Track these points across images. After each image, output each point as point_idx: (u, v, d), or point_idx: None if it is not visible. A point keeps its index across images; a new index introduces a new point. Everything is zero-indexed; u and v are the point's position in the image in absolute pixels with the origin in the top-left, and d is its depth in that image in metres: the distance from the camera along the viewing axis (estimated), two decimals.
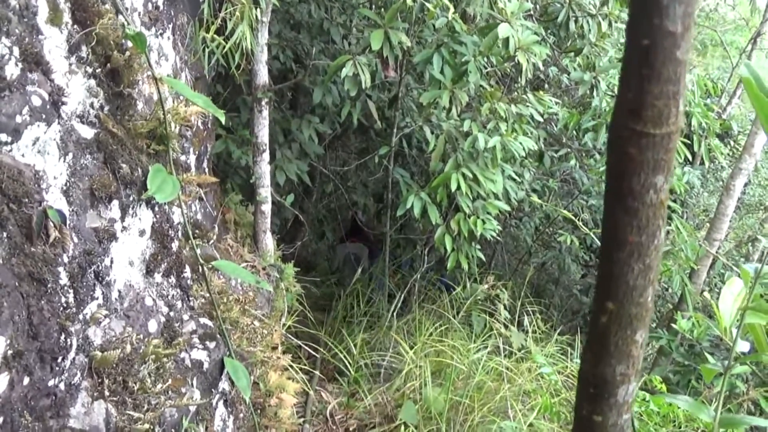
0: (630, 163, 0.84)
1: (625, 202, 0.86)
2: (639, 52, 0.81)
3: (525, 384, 4.54)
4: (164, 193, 2.30)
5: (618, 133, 0.85)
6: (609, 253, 0.89)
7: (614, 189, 0.88)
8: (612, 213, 0.89)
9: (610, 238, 0.89)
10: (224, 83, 5.08)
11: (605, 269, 0.90)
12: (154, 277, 2.49)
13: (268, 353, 3.64)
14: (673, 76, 0.80)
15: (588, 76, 5.15)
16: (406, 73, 5.31)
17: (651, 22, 0.79)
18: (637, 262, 0.87)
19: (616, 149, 0.86)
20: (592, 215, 7.27)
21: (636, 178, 0.84)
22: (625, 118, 0.84)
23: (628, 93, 0.84)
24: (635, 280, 0.87)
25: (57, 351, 1.85)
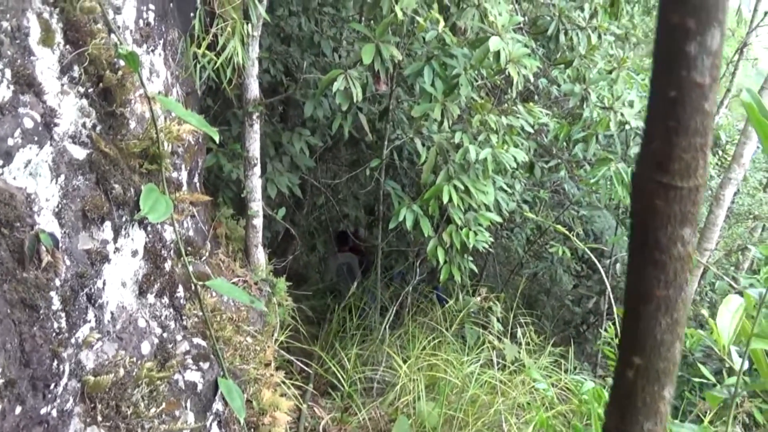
0: (656, 216, 0.82)
1: (651, 255, 0.84)
2: (665, 103, 0.79)
3: (519, 397, 4.53)
4: (157, 212, 2.27)
5: (643, 184, 0.84)
6: (635, 307, 0.87)
7: (640, 241, 0.86)
8: (637, 265, 0.87)
9: (635, 290, 0.87)
10: (214, 97, 5.05)
11: (631, 322, 0.88)
12: (147, 298, 2.46)
13: (261, 370, 3.60)
14: (701, 128, 0.79)
15: (578, 88, 5.17)
16: (396, 85, 5.31)
17: (678, 74, 0.78)
18: (664, 316, 0.85)
19: (642, 201, 0.84)
20: (583, 226, 7.30)
21: (663, 231, 0.83)
22: (651, 169, 0.82)
23: (653, 144, 0.82)
24: (663, 334, 0.85)
25: (49, 378, 1.81)
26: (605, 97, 5.37)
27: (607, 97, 5.34)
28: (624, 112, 5.23)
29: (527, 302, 7.54)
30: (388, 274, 6.56)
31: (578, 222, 7.27)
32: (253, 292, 4.19)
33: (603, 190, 5.67)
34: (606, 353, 3.47)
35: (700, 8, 0.76)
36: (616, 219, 6.75)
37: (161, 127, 2.58)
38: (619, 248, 6.69)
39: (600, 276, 7.48)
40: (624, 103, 5.33)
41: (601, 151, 5.75)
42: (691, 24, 0.76)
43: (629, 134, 5.83)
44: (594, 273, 7.77)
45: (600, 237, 7.57)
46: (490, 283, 7.03)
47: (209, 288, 3.04)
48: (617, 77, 5.22)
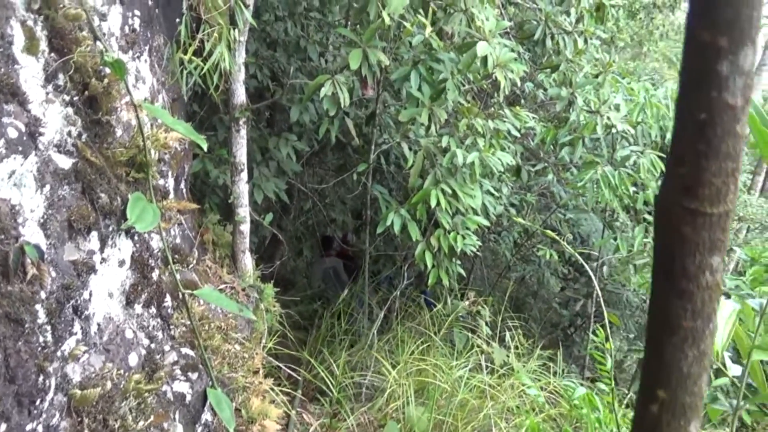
0: (684, 244, 0.79)
1: (678, 284, 0.80)
2: (695, 126, 0.76)
3: (508, 401, 4.52)
4: (144, 222, 2.24)
5: (669, 210, 0.80)
6: (659, 338, 0.83)
7: (665, 270, 0.82)
8: (662, 295, 0.82)
9: (660, 321, 0.83)
10: (200, 102, 5.01)
11: (655, 354, 0.83)
12: (134, 308, 2.43)
13: (249, 378, 3.57)
14: (732, 152, 0.75)
15: (565, 92, 5.19)
16: (383, 90, 5.30)
17: (709, 95, 0.74)
18: (691, 348, 0.80)
19: (668, 228, 0.80)
20: (570, 229, 7.30)
21: (690, 260, 0.79)
22: (677, 195, 0.79)
23: (681, 169, 0.78)
24: (689, 367, 0.81)
25: (35, 393, 1.78)
26: (591, 101, 5.39)
27: (593, 100, 5.36)
28: (610, 116, 5.25)
29: (515, 305, 7.55)
30: (376, 279, 6.54)
31: (565, 225, 7.29)
32: (240, 299, 4.16)
33: (590, 193, 5.68)
34: (595, 357, 3.47)
35: (733, 26, 0.72)
36: (603, 222, 6.78)
37: (148, 134, 2.55)
38: (605, 251, 6.71)
39: (587, 279, 7.51)
40: (610, 107, 5.35)
41: (588, 155, 5.77)
42: (722, 42, 0.73)
43: (615, 137, 5.85)
44: (581, 276, 7.79)
45: (587, 240, 7.59)
46: (478, 287, 7.03)
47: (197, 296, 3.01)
48: (603, 81, 5.24)
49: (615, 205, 5.71)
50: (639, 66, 11.92)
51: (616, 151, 5.80)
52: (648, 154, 5.53)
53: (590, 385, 5.20)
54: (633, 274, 6.05)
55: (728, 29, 0.72)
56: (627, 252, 5.85)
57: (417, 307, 5.99)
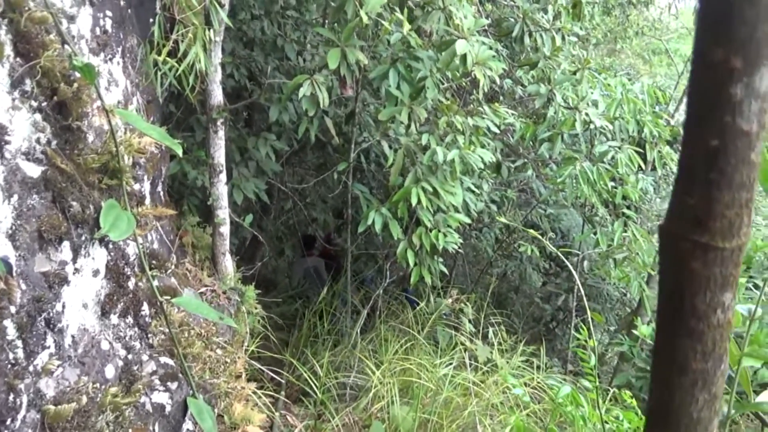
0: (693, 280, 0.72)
1: (687, 323, 0.73)
2: (705, 153, 0.68)
3: (492, 398, 4.50)
4: (119, 230, 2.16)
5: (677, 244, 0.73)
6: (667, 381, 0.76)
7: (673, 309, 0.75)
8: (670, 335, 0.76)
9: (667, 363, 0.76)
10: (177, 102, 4.91)
11: (662, 398, 0.77)
12: (110, 319, 2.34)
13: (232, 383, 3.50)
14: (746, 181, 0.68)
15: (544, 89, 5.16)
16: (362, 88, 5.23)
17: (722, 121, 0.68)
18: (701, 391, 0.74)
19: (675, 263, 0.73)
20: (550, 224, 7.30)
21: (701, 297, 0.72)
22: (686, 228, 0.72)
23: (690, 199, 0.71)
24: (700, 411, 0.75)
25: (5, 413, 1.70)
26: (570, 97, 5.38)
27: (571, 97, 5.34)
28: (588, 112, 5.23)
29: (497, 301, 7.54)
30: (359, 278, 6.49)
31: (546, 220, 7.28)
32: (221, 302, 4.08)
33: (569, 188, 5.67)
34: (579, 354, 3.45)
35: (748, 44, 0.65)
36: (583, 217, 6.78)
37: (121, 139, 2.46)
38: (586, 246, 6.72)
39: (568, 273, 7.53)
40: (588, 103, 5.34)
41: (567, 150, 5.76)
42: (736, 63, 0.66)
43: (593, 133, 5.85)
44: (562, 270, 7.80)
45: (567, 235, 7.60)
46: (460, 284, 7.00)
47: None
48: (581, 77, 5.22)
49: (594, 200, 5.71)
50: (615, 62, 11.97)
51: (595, 147, 5.79)
52: (626, 149, 5.53)
53: (573, 379, 5.21)
54: (613, 268, 6.05)
55: (743, 48, 0.66)
56: (606, 246, 5.85)
57: (400, 306, 5.95)
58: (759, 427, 4.26)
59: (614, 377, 5.67)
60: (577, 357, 5.83)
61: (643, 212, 8.73)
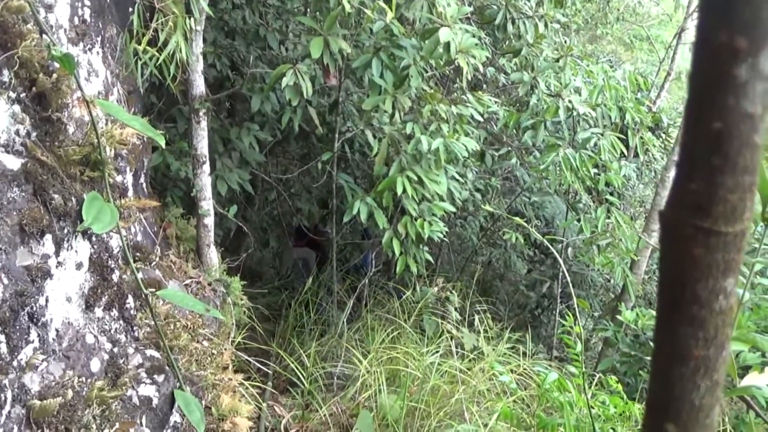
0: (695, 267, 0.70)
1: (688, 311, 0.72)
2: (708, 136, 0.67)
3: (479, 385, 4.52)
4: (102, 222, 2.13)
5: (678, 230, 0.71)
6: (668, 369, 0.75)
7: (673, 296, 0.73)
8: (671, 323, 0.74)
9: (668, 351, 0.75)
10: (158, 93, 4.85)
11: (662, 386, 0.76)
12: (94, 312, 2.32)
13: (219, 375, 3.49)
14: (750, 164, 0.67)
15: (527, 77, 5.17)
16: (345, 77, 5.20)
17: (725, 103, 0.66)
18: (703, 378, 0.73)
19: (676, 249, 0.72)
20: (534, 211, 7.33)
21: (702, 284, 0.71)
22: (688, 213, 0.70)
23: (690, 185, 0.69)
24: (701, 399, 0.74)
25: None
26: (553, 85, 5.39)
27: (554, 84, 5.35)
28: (572, 99, 5.25)
29: (482, 289, 7.57)
30: (344, 267, 6.48)
31: (530, 208, 7.31)
32: (207, 294, 4.06)
33: (552, 175, 5.70)
34: (564, 340, 3.48)
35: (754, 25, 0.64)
36: (567, 204, 6.81)
37: (102, 130, 2.43)
38: (570, 232, 6.76)
39: (553, 260, 7.57)
40: (571, 90, 5.35)
41: (550, 138, 5.78)
42: (741, 44, 0.64)
43: (576, 120, 5.87)
44: (547, 257, 7.84)
45: (551, 222, 7.64)
46: (446, 272, 7.02)
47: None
48: (564, 65, 5.23)
49: (577, 186, 5.74)
50: (596, 48, 12.01)
51: (577, 134, 5.82)
52: (608, 136, 5.56)
53: (559, 365, 5.25)
54: (597, 255, 6.10)
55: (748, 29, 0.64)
56: (590, 233, 5.89)
57: (386, 295, 5.96)
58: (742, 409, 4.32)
59: (599, 362, 5.72)
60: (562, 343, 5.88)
61: (626, 199, 8.80)
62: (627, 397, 3.62)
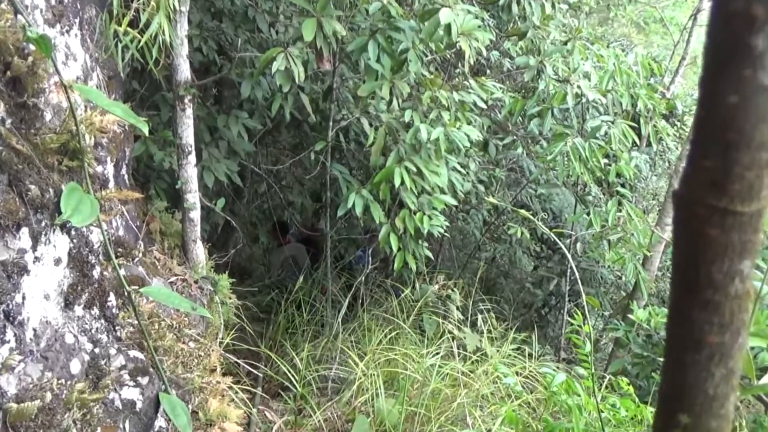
0: (709, 248, 0.71)
1: (702, 294, 0.73)
2: (723, 110, 0.67)
3: (482, 388, 4.54)
4: (81, 215, 2.14)
5: (692, 210, 0.72)
6: (681, 356, 0.76)
7: (687, 279, 0.74)
8: (683, 307, 0.75)
9: (681, 337, 0.76)
10: (140, 79, 4.85)
11: (675, 374, 0.77)
12: (74, 310, 2.33)
13: (206, 377, 3.50)
14: (767, 140, 0.67)
15: (533, 61, 5.18)
16: (340, 62, 5.20)
17: (740, 74, 0.66)
18: (718, 366, 0.74)
19: (690, 229, 0.73)
20: (541, 204, 7.34)
21: (717, 266, 0.71)
22: (702, 191, 0.71)
23: (706, 161, 0.70)
24: (716, 388, 0.75)
25: None
26: (561, 69, 5.39)
27: (562, 69, 5.36)
28: (580, 85, 5.26)
29: (486, 286, 7.59)
30: (339, 264, 6.49)
31: (536, 201, 7.33)
32: (193, 292, 4.07)
33: (560, 166, 5.71)
34: (573, 341, 3.49)
35: None
36: (575, 196, 6.83)
37: (81, 117, 2.43)
38: (579, 226, 6.77)
39: (561, 256, 7.60)
40: (580, 75, 5.36)
41: (558, 126, 5.79)
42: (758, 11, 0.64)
43: (585, 107, 5.88)
44: (554, 253, 7.86)
45: (559, 215, 7.66)
46: (447, 269, 7.02)
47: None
48: (573, 48, 5.23)
49: (586, 178, 5.75)
50: (607, 32, 12.00)
51: (587, 122, 5.83)
52: (619, 124, 5.57)
53: (567, 367, 5.27)
54: (607, 250, 6.12)
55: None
56: (600, 227, 5.91)
57: (384, 293, 5.97)
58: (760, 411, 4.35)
59: (609, 364, 5.75)
60: (570, 344, 5.91)
61: (638, 191, 8.82)
62: (639, 400, 3.64)
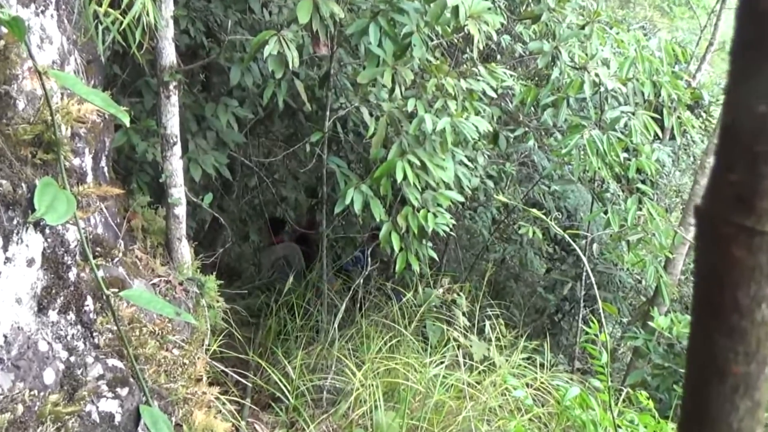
0: (735, 270, 0.70)
1: (727, 321, 0.72)
2: (751, 119, 0.66)
3: (490, 401, 4.55)
4: (57, 212, 2.13)
5: (717, 228, 0.71)
6: (703, 386, 0.75)
7: (710, 303, 0.73)
8: (706, 334, 0.74)
9: (703, 366, 0.75)
10: (122, 63, 4.85)
11: (696, 406, 0.76)
12: (48, 315, 2.33)
13: (191, 388, 3.50)
14: None
15: (547, 46, 5.17)
16: (338, 46, 5.20)
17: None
18: (743, 398, 0.73)
19: (714, 250, 0.72)
20: (555, 202, 7.35)
21: (744, 290, 0.70)
22: (728, 209, 0.70)
23: (731, 176, 0.69)
24: (740, 422, 0.74)
25: None
26: (577, 56, 5.38)
27: (579, 55, 5.35)
28: (598, 72, 5.25)
29: (495, 290, 7.61)
30: (336, 265, 6.50)
31: (550, 198, 7.34)
32: (177, 294, 4.08)
33: (576, 161, 5.71)
34: (588, 350, 3.50)
35: None
36: (592, 193, 6.83)
37: (57, 106, 2.43)
38: (595, 226, 6.78)
39: (575, 258, 7.60)
40: (598, 62, 5.35)
41: (573, 117, 5.79)
42: None
43: (604, 97, 5.87)
44: (568, 255, 7.87)
45: (574, 214, 7.66)
46: (453, 271, 7.04)
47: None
48: (591, 32, 5.23)
49: (604, 173, 5.75)
50: (628, 14, 11.99)
51: (605, 113, 5.82)
52: (640, 115, 5.56)
53: (581, 378, 5.28)
54: (626, 252, 6.12)
55: None
56: (619, 227, 5.90)
57: (384, 297, 5.98)
58: None
59: (628, 375, 5.76)
60: (585, 353, 5.91)
61: (660, 187, 8.82)
62: (659, 414, 3.65)
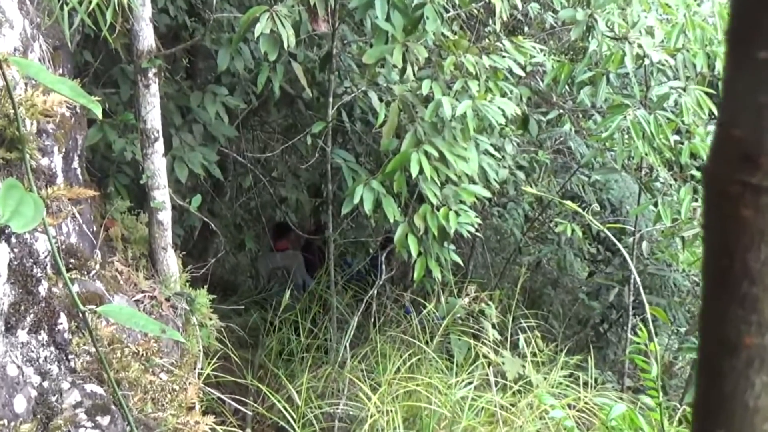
0: (744, 232, 0.72)
1: (738, 288, 0.73)
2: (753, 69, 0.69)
3: (526, 425, 4.56)
4: (23, 218, 2.17)
5: (722, 188, 0.73)
6: (714, 361, 0.78)
7: (718, 270, 0.76)
8: (716, 302, 0.77)
9: (715, 339, 0.77)
10: (94, 49, 4.90)
11: (710, 382, 0.79)
12: (17, 336, 2.37)
13: (182, 417, 3.54)
14: None
15: (582, 14, 5.16)
16: (340, 21, 5.23)
17: None
18: (759, 373, 0.74)
19: (720, 210, 0.74)
20: (596, 195, 7.33)
21: (754, 254, 0.72)
22: (733, 166, 0.72)
23: (735, 131, 0.71)
24: (756, 399, 0.75)
25: None
26: (616, 24, 5.38)
27: (618, 23, 5.34)
28: (642, 43, 5.24)
29: (530, 299, 7.60)
30: (345, 274, 6.53)
31: (590, 190, 7.32)
32: (164, 312, 4.11)
33: (619, 146, 5.70)
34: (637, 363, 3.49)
35: None
36: (639, 183, 6.80)
37: (21, 98, 2.47)
38: (644, 221, 6.76)
39: (622, 259, 7.57)
40: (641, 31, 5.34)
41: (615, 95, 5.78)
42: None
43: (649, 71, 5.85)
44: (614, 256, 7.84)
45: (619, 208, 7.64)
46: (480, 278, 7.05)
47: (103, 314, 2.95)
48: None
49: (652, 159, 5.73)
50: None
51: (651, 89, 5.81)
52: (692, 91, 5.54)
53: (632, 397, 5.27)
54: (680, 250, 6.09)
55: None
56: (672, 221, 5.88)
57: (400, 310, 6.00)
58: None
59: (686, 392, 5.73)
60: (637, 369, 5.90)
61: None
62: None
